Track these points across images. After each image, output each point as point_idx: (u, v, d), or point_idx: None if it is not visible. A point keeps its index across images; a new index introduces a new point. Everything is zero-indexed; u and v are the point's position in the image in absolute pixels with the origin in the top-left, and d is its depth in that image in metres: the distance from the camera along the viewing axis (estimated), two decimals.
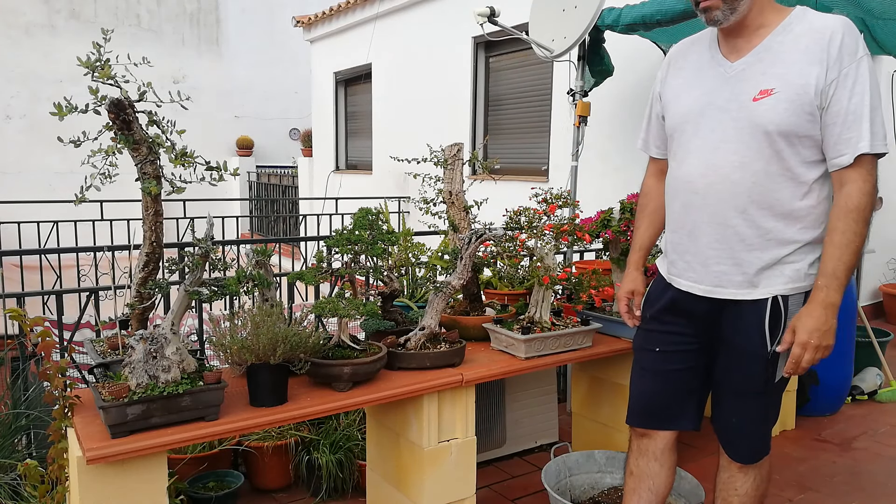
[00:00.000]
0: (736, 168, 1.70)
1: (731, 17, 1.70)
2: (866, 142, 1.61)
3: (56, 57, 11.62)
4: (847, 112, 1.61)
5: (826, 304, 1.65)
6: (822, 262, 1.67)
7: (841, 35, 1.61)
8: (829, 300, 1.65)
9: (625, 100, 5.31)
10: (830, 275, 1.65)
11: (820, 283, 1.66)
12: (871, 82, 1.63)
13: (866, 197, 1.64)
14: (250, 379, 1.92)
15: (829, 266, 1.65)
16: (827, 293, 1.65)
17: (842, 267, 1.64)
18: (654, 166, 2.09)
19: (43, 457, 2.18)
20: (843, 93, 1.61)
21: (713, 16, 1.71)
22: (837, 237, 1.64)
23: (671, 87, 1.91)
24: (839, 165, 1.65)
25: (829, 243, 1.66)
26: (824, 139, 1.66)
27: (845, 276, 1.65)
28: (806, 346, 1.65)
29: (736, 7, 1.68)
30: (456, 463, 2.23)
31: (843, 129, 1.63)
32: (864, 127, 1.61)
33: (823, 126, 1.65)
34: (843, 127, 1.62)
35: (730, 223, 1.73)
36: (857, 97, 1.61)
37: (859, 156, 1.62)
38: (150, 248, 1.97)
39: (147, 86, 1.86)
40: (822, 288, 1.66)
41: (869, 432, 3.45)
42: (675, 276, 1.89)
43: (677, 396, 1.95)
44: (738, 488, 1.91)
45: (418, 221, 3.72)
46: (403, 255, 2.71)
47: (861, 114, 1.61)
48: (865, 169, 1.63)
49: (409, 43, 8.10)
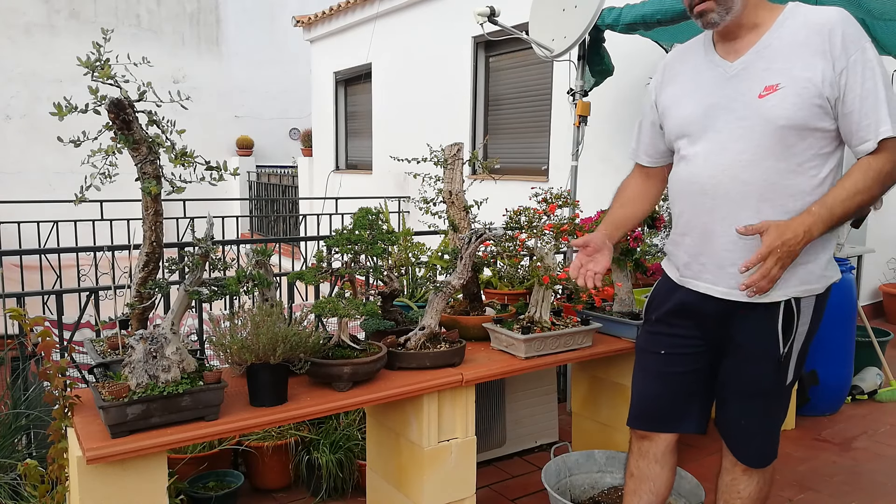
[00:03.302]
0: (746, 167, 1.68)
1: (727, 17, 1.69)
2: (887, 125, 1.59)
3: (56, 57, 11.62)
4: (863, 98, 1.60)
5: (807, 229, 1.60)
6: (825, 195, 1.64)
7: (841, 25, 1.61)
8: (812, 227, 1.61)
9: (625, 100, 5.31)
10: (827, 207, 1.62)
11: (813, 209, 1.63)
12: (879, 65, 1.62)
13: (891, 164, 1.61)
14: (250, 379, 1.92)
15: (829, 199, 1.63)
16: (814, 220, 1.61)
17: (840, 207, 1.62)
18: (639, 169, 2.11)
19: (43, 457, 2.18)
20: (856, 79, 1.60)
21: (709, 18, 1.70)
22: (849, 182, 1.62)
23: (668, 94, 1.89)
24: (864, 152, 1.63)
25: (839, 185, 1.64)
26: (845, 129, 1.65)
27: (837, 218, 1.62)
28: (773, 251, 1.59)
29: (730, 7, 1.68)
30: (456, 463, 2.23)
31: (861, 116, 1.61)
32: (882, 111, 1.60)
33: (841, 116, 1.64)
34: (862, 114, 1.61)
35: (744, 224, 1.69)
36: (869, 82, 1.60)
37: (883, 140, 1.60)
38: (150, 247, 1.97)
39: (147, 86, 1.86)
40: (812, 213, 1.62)
41: (869, 432, 3.45)
42: (691, 278, 1.85)
43: (680, 399, 1.93)
44: (741, 491, 1.90)
45: (418, 221, 3.72)
46: (403, 254, 2.72)
47: (878, 98, 1.60)
48: (891, 150, 1.61)
49: (409, 43, 8.10)
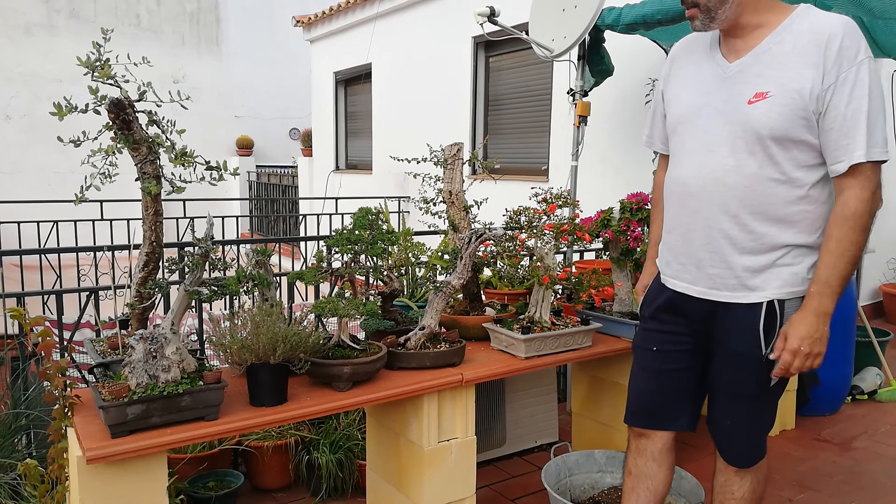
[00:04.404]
0: (729, 171, 1.68)
1: (711, 25, 1.70)
2: (862, 151, 1.57)
3: (56, 56, 11.62)
4: (844, 118, 1.57)
5: (818, 312, 1.63)
6: (817, 268, 1.65)
7: (840, 37, 1.57)
8: (821, 308, 1.63)
9: (625, 100, 5.31)
10: (824, 282, 1.63)
11: (813, 291, 1.65)
12: (872, 86, 1.58)
13: (864, 204, 1.60)
14: (250, 379, 1.92)
15: (822, 273, 1.64)
16: (820, 301, 1.63)
17: (836, 275, 1.62)
18: (664, 161, 2.07)
19: (43, 456, 2.18)
20: (841, 98, 1.57)
21: (694, 25, 1.73)
22: (833, 245, 1.62)
23: (673, 85, 1.90)
24: (836, 172, 1.62)
25: (824, 250, 1.64)
26: (823, 145, 1.63)
27: (839, 285, 1.63)
28: (796, 353, 1.64)
29: (714, 16, 1.67)
30: (456, 463, 2.23)
31: (839, 135, 1.59)
32: (860, 134, 1.57)
33: (821, 132, 1.61)
34: (840, 133, 1.58)
35: (721, 226, 1.71)
36: (855, 102, 1.57)
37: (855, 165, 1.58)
38: (150, 247, 1.97)
39: (147, 85, 1.86)
40: (815, 295, 1.64)
41: (869, 432, 3.46)
42: (670, 277, 1.88)
43: (674, 396, 1.94)
44: (735, 492, 1.90)
45: (418, 221, 3.72)
46: (403, 254, 2.71)
47: (858, 120, 1.57)
48: (864, 176, 1.59)
49: (409, 43, 8.10)
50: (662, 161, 2.08)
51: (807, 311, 1.65)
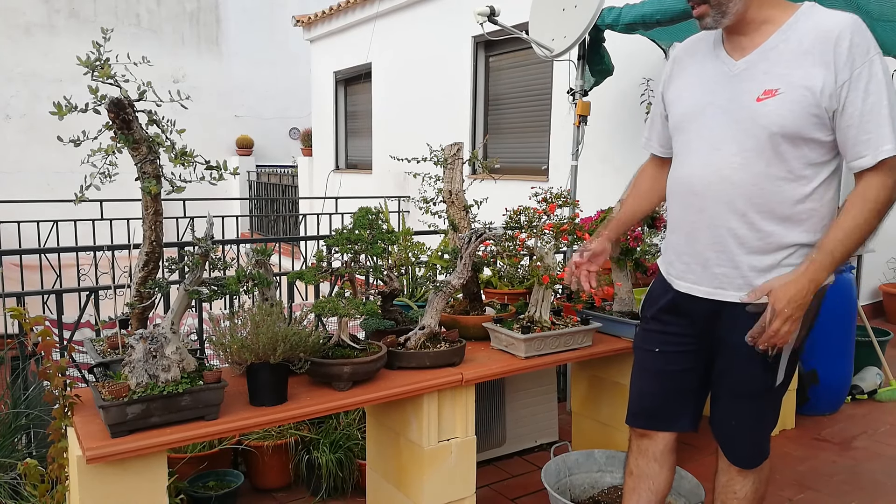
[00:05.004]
0: (736, 169, 1.67)
1: (723, 21, 1.68)
2: (890, 145, 1.55)
3: (56, 56, 11.61)
4: (863, 113, 1.56)
5: (811, 279, 1.60)
6: (823, 240, 1.63)
7: (850, 34, 1.56)
8: (816, 276, 1.60)
9: (625, 99, 5.31)
10: (827, 252, 1.60)
11: (814, 257, 1.62)
12: (887, 80, 1.57)
13: (887, 191, 1.58)
14: (250, 378, 1.92)
15: (829, 245, 1.61)
16: (817, 268, 1.60)
17: (840, 249, 1.60)
18: (653, 159, 2.08)
19: (43, 456, 2.18)
20: (857, 94, 1.56)
21: (705, 23, 1.70)
22: (848, 221, 1.60)
23: (675, 86, 1.88)
24: (860, 167, 1.60)
25: (836, 225, 1.62)
26: (842, 142, 1.62)
27: (840, 259, 1.61)
28: (780, 314, 1.60)
29: (726, 10, 1.66)
30: (456, 462, 2.23)
31: (859, 131, 1.57)
32: (885, 128, 1.55)
33: (839, 129, 1.60)
34: (860, 129, 1.57)
35: (729, 225, 1.70)
36: (872, 97, 1.56)
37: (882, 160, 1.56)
38: (150, 247, 1.97)
39: (147, 85, 1.85)
40: (814, 261, 1.61)
41: (869, 431, 3.46)
42: (675, 277, 1.87)
43: (676, 397, 1.94)
44: (738, 492, 1.90)
45: (418, 221, 3.72)
46: (403, 254, 2.71)
47: (880, 114, 1.56)
48: (889, 167, 1.58)
49: (409, 42, 8.10)
50: (652, 158, 2.08)
51: (800, 275, 1.61)
